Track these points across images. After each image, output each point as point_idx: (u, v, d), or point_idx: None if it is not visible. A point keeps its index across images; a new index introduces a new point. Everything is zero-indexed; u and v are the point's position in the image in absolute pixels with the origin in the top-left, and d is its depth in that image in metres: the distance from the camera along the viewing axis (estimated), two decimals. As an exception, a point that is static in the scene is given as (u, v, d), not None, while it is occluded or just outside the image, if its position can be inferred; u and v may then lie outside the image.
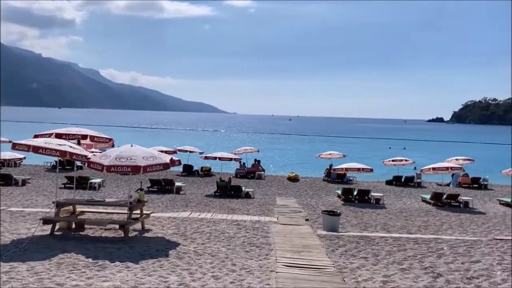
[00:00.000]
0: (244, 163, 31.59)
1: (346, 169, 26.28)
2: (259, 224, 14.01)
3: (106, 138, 14.09)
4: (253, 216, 15.87)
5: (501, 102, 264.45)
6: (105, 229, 12.23)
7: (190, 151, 32.68)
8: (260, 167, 31.19)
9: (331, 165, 30.54)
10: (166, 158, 12.13)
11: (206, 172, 30.18)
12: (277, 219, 15.32)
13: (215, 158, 29.41)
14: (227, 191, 21.97)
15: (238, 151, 34.17)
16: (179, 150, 32.37)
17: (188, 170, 30.28)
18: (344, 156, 33.06)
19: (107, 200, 14.51)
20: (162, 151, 21.68)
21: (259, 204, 19.48)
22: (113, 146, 14.13)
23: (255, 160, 32.00)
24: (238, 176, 29.62)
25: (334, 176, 29.38)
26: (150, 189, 22.59)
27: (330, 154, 33.25)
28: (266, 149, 57.97)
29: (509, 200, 21.90)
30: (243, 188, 22.43)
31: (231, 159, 29.85)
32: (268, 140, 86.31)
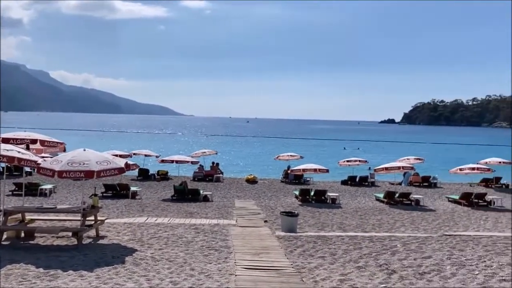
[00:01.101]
0: (202, 166, 31.36)
1: (303, 170, 26.65)
2: (218, 227, 13.94)
3: (57, 142, 13.58)
4: (212, 220, 15.77)
5: (448, 104, 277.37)
6: (57, 237, 11.76)
7: (146, 155, 32.07)
8: (218, 170, 31.05)
9: (288, 167, 30.88)
10: (121, 162, 11.83)
11: (163, 176, 29.67)
12: (236, 221, 15.30)
13: (172, 161, 29.03)
14: (185, 194, 21.71)
15: (195, 154, 33.87)
16: (135, 154, 31.71)
17: (144, 174, 29.66)
18: (301, 157, 33.53)
19: (59, 207, 13.94)
20: (116, 155, 21.18)
21: (218, 207, 19.38)
22: (64, 150, 13.63)
23: (213, 162, 31.83)
24: (196, 179, 29.35)
25: (292, 177, 29.72)
26: (105, 194, 21.94)
27: (288, 155, 33.65)
28: (224, 152, 57.82)
29: (456, 197, 22.97)
30: (201, 192, 22.24)
31: (188, 162, 29.53)
32: (226, 142, 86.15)
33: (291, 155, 33.58)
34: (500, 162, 30.93)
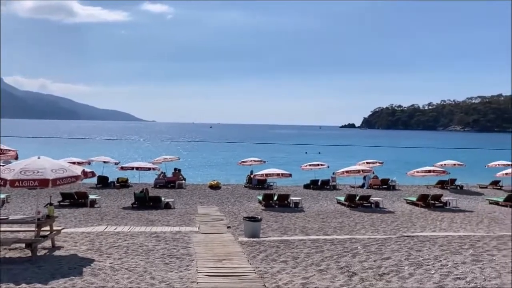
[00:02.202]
0: (164, 173, 30.89)
1: (267, 175, 26.82)
2: (180, 235, 13.73)
3: (9, 149, 13.00)
4: (174, 227, 15.52)
5: (405, 109, 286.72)
6: (10, 249, 11.21)
7: (105, 162, 31.25)
8: (180, 176, 30.67)
9: (252, 172, 30.92)
10: (78, 170, 11.44)
11: (123, 183, 28.98)
12: (199, 228, 15.13)
13: (132, 168, 28.43)
14: (146, 202, 21.29)
15: (157, 160, 33.35)
16: (93, 161, 30.84)
17: (103, 182, 28.87)
18: (264, 162, 33.69)
19: (11, 217, 13.31)
20: (73, 163, 20.52)
21: (180, 214, 19.11)
22: (16, 158, 13.07)
23: (175, 169, 31.41)
24: (158, 186, 28.86)
25: (255, 182, 29.78)
26: (62, 203, 21.18)
27: (251, 160, 33.70)
28: (187, 158, 57.24)
29: (414, 199, 23.70)
30: (162, 199, 21.87)
31: (149, 169, 29.02)
32: (189, 148, 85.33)
33: (254, 160, 33.68)
34: (454, 164, 32.25)
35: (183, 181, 30.06)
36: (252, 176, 29.88)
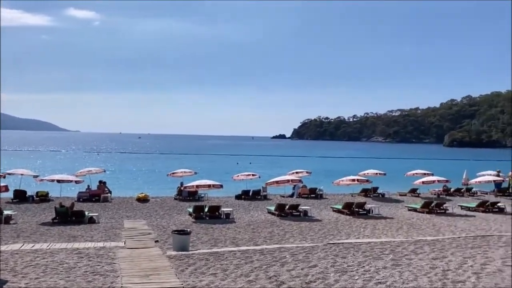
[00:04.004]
0: (88, 186, 29.43)
1: (197, 186, 26.50)
2: (104, 251, 13.11)
3: None
4: (98, 243, 14.80)
5: (332, 121, 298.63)
6: None
7: (22, 174, 29.13)
8: (106, 189, 29.38)
9: (182, 183, 30.40)
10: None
11: (43, 198, 27.12)
12: (124, 243, 14.55)
13: (52, 180, 26.80)
14: (68, 217, 20.11)
15: (81, 172, 31.73)
16: (9, 174, 28.68)
17: (21, 196, 26.82)
18: (195, 173, 33.28)
19: None
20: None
21: (105, 229, 18.28)
22: None
23: (100, 181, 30.04)
24: (81, 200, 27.39)
25: (186, 194, 29.29)
26: (-29, 221, 19.38)
27: (182, 172, 33.16)
28: (114, 169, 55.08)
29: (340, 207, 24.63)
30: (86, 213, 20.81)
31: (72, 182, 27.53)
32: (115, 159, 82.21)
33: (184, 172, 33.17)
34: (376, 174, 34.05)
35: (109, 194, 28.80)
36: (182, 187, 29.39)
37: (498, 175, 33.56)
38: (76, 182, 27.93)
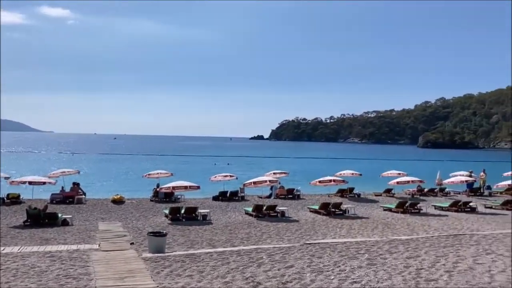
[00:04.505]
0: (62, 187, 28.82)
1: (174, 188, 26.27)
2: (78, 253, 12.85)
3: None
4: (71, 245, 14.51)
5: (309, 122, 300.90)
6: None
7: (-8, 176, 28.29)
8: (80, 191, 28.82)
9: (158, 185, 30.10)
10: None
11: (14, 200, 26.41)
12: (99, 245, 14.30)
13: (24, 182, 26.14)
14: (40, 219, 19.63)
15: (54, 174, 31.06)
16: (-22, 176, 27.81)
17: (-9, 199, 26.06)
18: (172, 174, 32.99)
19: None
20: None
21: (79, 231, 17.93)
22: None
23: (74, 183, 29.45)
24: (54, 202, 26.78)
25: (162, 196, 28.99)
26: None
27: (158, 173, 32.81)
28: (88, 171, 54.11)
29: (316, 207, 24.81)
30: (59, 215, 20.36)
31: (44, 183, 26.91)
32: (90, 160, 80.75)
33: (161, 173, 32.83)
34: (352, 174, 34.45)
35: (83, 196, 28.26)
36: (158, 189, 29.09)
37: (470, 176, 34.37)
38: (49, 183, 27.30)
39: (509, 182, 30.47)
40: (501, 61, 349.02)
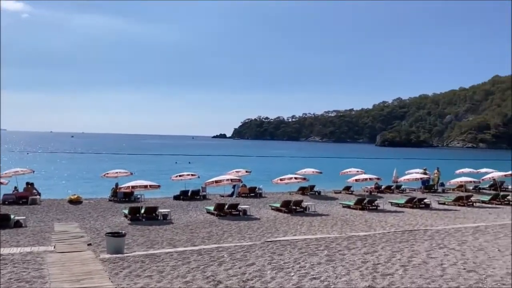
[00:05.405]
0: (15, 187, 27.63)
1: (133, 187, 25.69)
2: (31, 256, 12.38)
3: None
4: (24, 248, 13.95)
5: (272, 120, 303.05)
6: None
7: None
8: (34, 191, 27.73)
9: (117, 184, 29.38)
10: None
11: (-37, 201, 25.12)
12: (54, 247, 13.82)
13: (-26, 183, 24.85)
14: (-9, 221, 18.74)
15: (6, 173, 29.67)
16: None
17: None
18: (131, 174, 32.28)
19: None
20: None
21: (33, 233, 17.26)
22: None
23: (28, 183, 28.30)
24: (7, 202, 25.64)
25: (121, 195, 28.35)
26: None
27: (117, 172, 32.03)
28: (43, 170, 52.16)
29: (278, 205, 25.03)
30: (12, 216, 19.51)
31: (-4, 184, 25.66)
32: (45, 159, 77.88)
33: (119, 172, 32.04)
34: (313, 172, 34.96)
35: (38, 196, 27.21)
36: (117, 188, 28.42)
37: (424, 173, 35.67)
38: (1, 184, 26.11)
39: (461, 179, 31.82)
40: (455, 62, 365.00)
